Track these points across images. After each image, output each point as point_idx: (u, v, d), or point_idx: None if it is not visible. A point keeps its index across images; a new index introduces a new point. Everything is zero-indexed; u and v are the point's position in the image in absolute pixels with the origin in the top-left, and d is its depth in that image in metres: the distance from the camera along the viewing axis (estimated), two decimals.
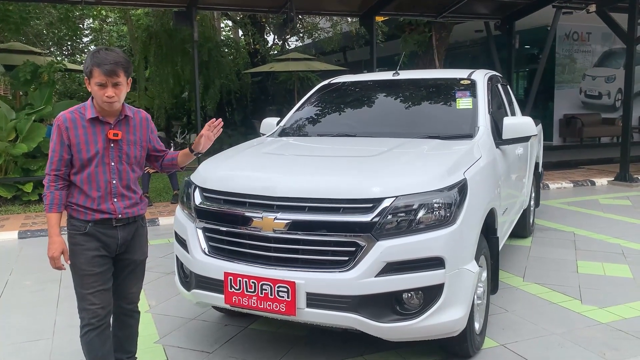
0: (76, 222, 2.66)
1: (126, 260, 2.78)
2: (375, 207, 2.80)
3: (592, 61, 15.41)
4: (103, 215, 2.64)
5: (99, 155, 2.60)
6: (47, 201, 2.63)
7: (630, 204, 8.13)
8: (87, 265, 2.63)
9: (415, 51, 11.02)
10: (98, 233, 2.65)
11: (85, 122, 2.60)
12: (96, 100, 2.59)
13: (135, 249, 2.80)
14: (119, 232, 2.69)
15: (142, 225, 2.84)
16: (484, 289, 3.49)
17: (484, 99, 4.14)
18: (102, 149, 2.61)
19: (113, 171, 2.64)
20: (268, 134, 4.54)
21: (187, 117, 16.73)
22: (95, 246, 2.64)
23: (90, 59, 2.55)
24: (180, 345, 3.60)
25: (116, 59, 2.53)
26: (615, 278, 4.80)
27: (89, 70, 2.54)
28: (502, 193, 3.91)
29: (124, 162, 2.67)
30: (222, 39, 18.19)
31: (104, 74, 2.50)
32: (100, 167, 2.61)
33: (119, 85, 2.56)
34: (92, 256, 2.63)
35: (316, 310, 2.81)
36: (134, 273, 2.85)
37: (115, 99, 2.56)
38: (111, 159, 2.64)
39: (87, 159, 2.59)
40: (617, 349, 3.46)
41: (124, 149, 2.67)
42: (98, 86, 2.53)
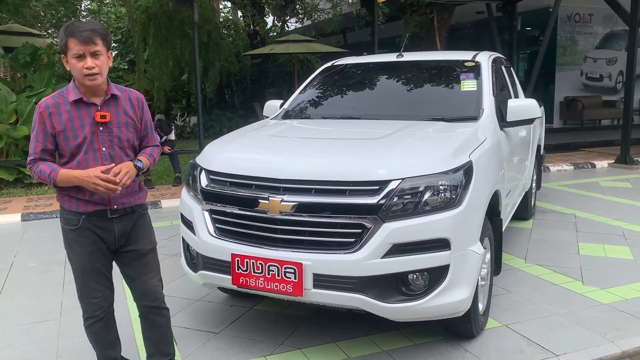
0: (68, 215, 2.48)
1: (132, 252, 2.61)
2: (382, 189, 2.81)
3: (593, 43, 15.32)
4: (97, 207, 2.45)
5: (87, 140, 2.39)
6: (44, 174, 2.37)
7: (630, 186, 8.16)
8: (86, 260, 2.49)
9: (417, 33, 10.94)
10: (92, 226, 2.47)
11: (69, 105, 2.38)
12: (76, 76, 2.37)
13: (139, 238, 2.61)
14: (115, 225, 2.51)
15: (142, 214, 2.65)
16: (488, 271, 3.53)
17: (488, 81, 4.13)
18: (89, 133, 2.39)
19: (105, 157, 2.43)
20: (271, 117, 4.53)
21: (186, 99, 16.68)
22: (91, 240, 2.48)
23: (63, 31, 2.35)
24: (187, 326, 3.64)
25: (92, 26, 2.34)
26: (616, 259, 4.84)
27: (63, 43, 2.33)
28: (505, 175, 3.92)
29: (115, 146, 2.45)
30: (222, 21, 18.04)
31: (81, 43, 2.29)
32: (90, 154, 2.40)
33: (98, 55, 2.34)
34: (89, 251, 2.48)
35: (323, 291, 2.84)
36: (146, 264, 2.64)
37: (96, 70, 2.33)
38: (102, 144, 2.42)
39: (76, 146, 2.38)
40: (618, 329, 3.51)
41: (114, 131, 2.44)
42: (76, 59, 2.31)
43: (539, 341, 3.35)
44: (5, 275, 4.69)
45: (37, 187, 8.23)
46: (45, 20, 15.75)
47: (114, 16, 22.18)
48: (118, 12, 21.73)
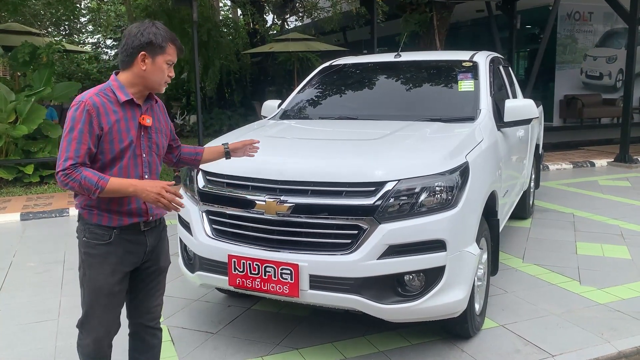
0: (97, 230, 2.22)
1: (152, 268, 2.42)
2: (378, 190, 2.82)
3: (593, 41, 15.28)
4: (132, 219, 2.25)
5: (132, 145, 2.23)
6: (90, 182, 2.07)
7: (629, 185, 8.17)
8: (105, 282, 2.24)
9: (416, 31, 10.93)
10: (124, 242, 2.25)
11: (116, 106, 2.20)
12: (155, 80, 2.23)
13: (161, 254, 2.45)
14: (147, 238, 2.33)
15: (165, 226, 2.51)
16: (485, 271, 3.54)
17: (485, 81, 4.13)
18: (135, 137, 2.24)
19: (145, 164, 2.29)
20: (269, 117, 4.54)
21: (186, 98, 16.68)
22: (118, 259, 2.25)
23: (163, 31, 2.21)
24: (185, 326, 3.65)
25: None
26: (613, 259, 4.85)
27: (164, 45, 2.20)
28: (503, 175, 3.93)
29: (153, 152, 2.33)
30: (221, 19, 18.03)
31: (178, 52, 2.26)
32: (132, 160, 2.23)
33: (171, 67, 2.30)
34: (113, 271, 2.24)
35: (319, 292, 2.86)
36: (160, 283, 2.50)
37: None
38: (142, 150, 2.28)
39: (120, 150, 2.19)
40: (615, 329, 3.52)
41: (153, 137, 2.32)
42: (168, 65, 2.24)
43: (535, 341, 3.36)
44: (5, 275, 4.71)
45: (37, 187, 8.24)
46: (45, 19, 15.74)
47: (113, 14, 22.17)
48: (118, 10, 21.72)
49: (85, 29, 23.56)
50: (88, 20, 21.40)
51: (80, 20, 19.29)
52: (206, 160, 2.70)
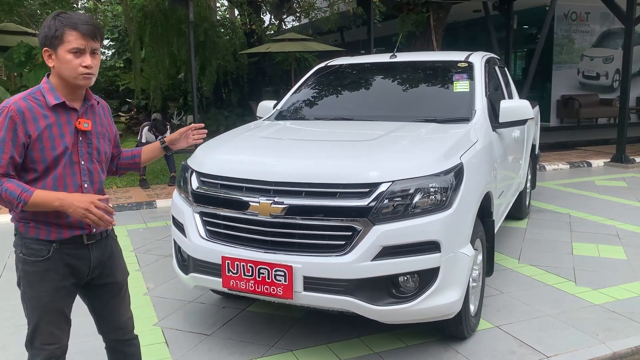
0: (34, 245, 2.05)
1: (110, 284, 2.26)
2: (372, 191, 2.81)
3: (590, 41, 15.31)
4: (74, 232, 2.07)
5: (67, 152, 2.04)
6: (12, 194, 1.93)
7: (625, 185, 8.17)
8: (49, 299, 2.07)
9: (413, 31, 10.93)
10: (65, 256, 2.08)
11: (47, 110, 2.02)
12: (68, 74, 2.01)
13: (117, 268, 2.29)
14: (92, 252, 2.14)
15: (113, 238, 2.32)
16: (480, 272, 3.53)
17: (481, 81, 4.13)
18: (70, 143, 2.05)
19: (84, 172, 2.10)
20: (265, 117, 4.53)
21: (183, 98, 16.66)
22: (60, 274, 2.08)
23: (57, 21, 1.99)
24: (179, 328, 3.64)
25: (93, 21, 2.04)
26: (609, 260, 4.85)
27: (59, 34, 1.97)
28: (498, 176, 3.93)
29: (94, 160, 2.14)
30: (218, 19, 18.01)
31: (84, 36, 1.98)
32: (69, 168, 2.05)
33: (96, 54, 2.04)
34: (56, 287, 2.07)
35: (313, 294, 2.85)
36: (122, 298, 2.34)
37: (94, 71, 2.05)
38: (80, 157, 2.09)
39: (54, 158, 2.01)
40: (609, 330, 3.51)
41: (93, 143, 2.13)
42: (73, 54, 1.98)
43: (530, 342, 3.36)
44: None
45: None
46: (41, 19, 15.70)
47: (110, 14, 22.13)
48: (115, 10, 21.68)
49: None
50: None
51: None
52: (146, 161, 2.51)
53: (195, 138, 2.53)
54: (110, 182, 8.45)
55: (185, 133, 2.50)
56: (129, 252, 5.27)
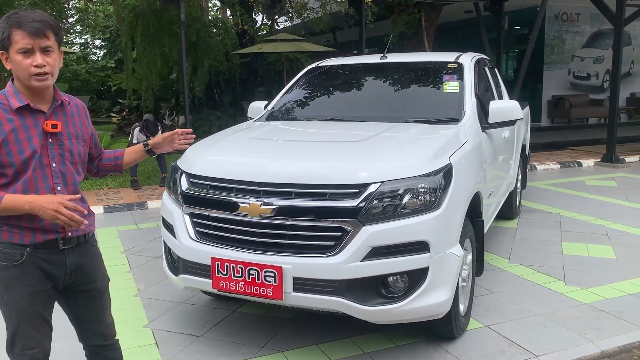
0: (8, 249, 2.01)
1: (88, 291, 2.21)
2: (361, 192, 2.82)
3: (581, 42, 15.41)
4: (47, 236, 2.03)
5: (36, 155, 1.99)
6: None
7: (615, 185, 8.23)
8: (27, 303, 2.04)
9: (405, 32, 10.95)
10: (40, 261, 2.04)
11: (11, 114, 1.97)
12: (21, 76, 1.97)
13: (96, 275, 2.24)
14: (67, 257, 2.09)
15: (93, 244, 2.25)
16: (469, 272, 3.55)
17: (470, 82, 4.15)
18: (39, 146, 2.00)
19: (56, 174, 2.04)
20: (256, 118, 4.53)
21: (175, 98, 16.61)
22: (36, 279, 2.04)
23: (5, 22, 1.94)
24: (169, 329, 3.63)
25: (42, 17, 1.97)
26: (598, 259, 4.88)
27: (6, 35, 1.92)
28: (487, 176, 3.95)
29: (67, 161, 2.08)
30: (210, 19, 17.98)
31: (30, 35, 1.92)
32: (39, 171, 2.00)
33: (49, 52, 1.97)
34: (32, 292, 2.03)
35: (303, 295, 2.85)
36: (103, 303, 2.29)
37: (47, 69, 1.97)
38: (51, 159, 2.04)
39: (22, 162, 1.97)
40: (598, 329, 3.54)
41: (65, 144, 2.08)
42: (22, 54, 1.93)
43: (519, 342, 3.38)
44: None
45: None
46: None
47: (102, 15, 22.05)
48: (106, 10, 21.61)
49: (73, 29, 23.38)
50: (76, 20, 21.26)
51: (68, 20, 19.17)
52: (128, 163, 2.45)
53: (181, 143, 2.47)
54: (101, 183, 8.42)
55: (170, 138, 2.44)
56: (119, 253, 5.25)
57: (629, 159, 10.15)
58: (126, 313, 3.88)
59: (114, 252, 5.28)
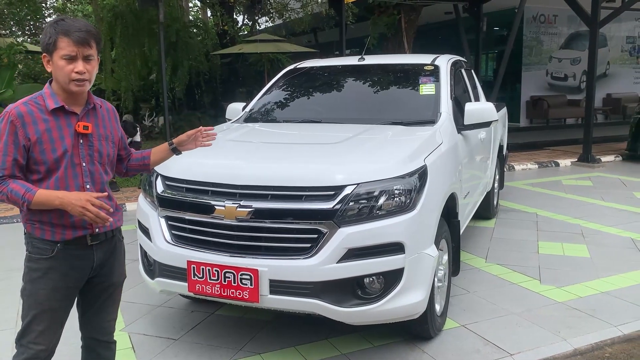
0: (40, 244, 2.13)
1: (103, 284, 2.32)
2: (337, 194, 2.84)
3: (558, 43, 15.65)
4: (77, 233, 2.15)
5: (67, 154, 2.11)
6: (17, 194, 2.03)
7: (591, 184, 8.37)
8: (46, 298, 2.14)
9: (385, 33, 11.02)
10: (69, 256, 2.16)
11: (47, 114, 2.11)
12: (61, 80, 2.10)
13: (114, 269, 2.34)
14: (95, 253, 2.22)
15: (119, 239, 2.37)
16: (445, 272, 3.58)
17: (446, 84, 4.19)
18: (70, 146, 2.12)
19: (85, 173, 2.16)
20: (233, 120, 4.52)
21: (155, 99, 16.47)
22: (62, 274, 2.15)
23: (52, 28, 2.07)
24: (146, 333, 3.61)
25: (87, 27, 2.10)
26: (573, 258, 4.96)
27: (52, 41, 2.06)
28: (463, 177, 3.99)
29: (95, 161, 2.20)
30: (191, 20, 17.88)
31: (75, 43, 2.05)
32: (70, 170, 2.12)
33: (90, 60, 2.11)
34: (54, 287, 2.14)
35: (279, 297, 2.85)
36: (112, 299, 2.39)
37: (87, 77, 2.11)
38: (82, 159, 2.16)
39: (54, 160, 2.09)
40: (571, 327, 3.60)
41: (95, 145, 2.20)
42: (66, 60, 2.06)
43: (494, 341, 3.42)
44: None
45: None
46: (7, 19, 15.38)
47: (80, 14, 21.78)
48: (85, 10, 21.34)
49: None
50: None
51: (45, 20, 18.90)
52: (156, 162, 2.53)
53: (204, 141, 2.55)
54: None
55: (194, 135, 2.50)
56: None
57: (605, 159, 10.34)
58: None
59: None
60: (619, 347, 3.42)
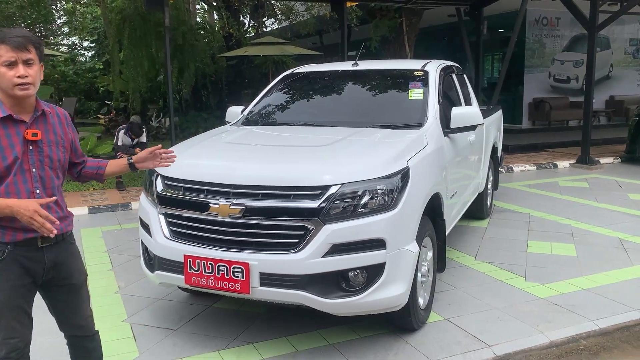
0: None
1: (67, 285, 2.40)
2: (323, 193, 3.04)
3: (561, 46, 15.75)
4: (27, 235, 2.20)
5: (18, 160, 2.18)
6: None
7: (587, 186, 8.51)
8: (6, 297, 2.21)
9: (387, 36, 11.20)
10: (20, 257, 2.22)
11: None
12: (5, 87, 2.15)
13: (73, 270, 2.41)
14: (45, 255, 2.27)
15: (70, 242, 2.43)
16: (429, 268, 3.77)
17: (434, 89, 4.38)
18: (20, 153, 2.18)
19: (35, 179, 2.23)
20: (232, 123, 4.74)
21: (162, 100, 16.74)
22: (16, 274, 2.21)
23: None
24: (147, 323, 3.83)
25: (24, 33, 2.18)
26: (560, 256, 5.13)
27: None
28: (449, 178, 4.18)
29: (46, 166, 2.26)
30: (198, 22, 18.15)
31: (13, 49, 2.11)
32: (19, 176, 2.18)
33: (31, 65, 2.16)
34: (12, 286, 2.21)
35: (268, 289, 3.07)
36: (81, 297, 2.47)
37: (29, 80, 2.16)
38: (31, 165, 2.22)
39: (5, 168, 2.16)
40: (550, 321, 3.78)
41: (45, 151, 2.26)
42: (6, 67, 2.12)
43: (475, 333, 3.61)
44: None
45: None
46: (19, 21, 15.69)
47: (90, 16, 22.12)
48: (94, 12, 21.69)
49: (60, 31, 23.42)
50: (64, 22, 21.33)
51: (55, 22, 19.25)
52: (110, 174, 2.63)
53: (162, 162, 2.64)
54: (87, 185, 8.57)
55: (153, 153, 2.61)
56: (102, 252, 5.43)
57: (603, 161, 10.47)
58: (106, 309, 4.08)
59: (97, 252, 5.46)
60: (593, 340, 3.60)
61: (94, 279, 4.68)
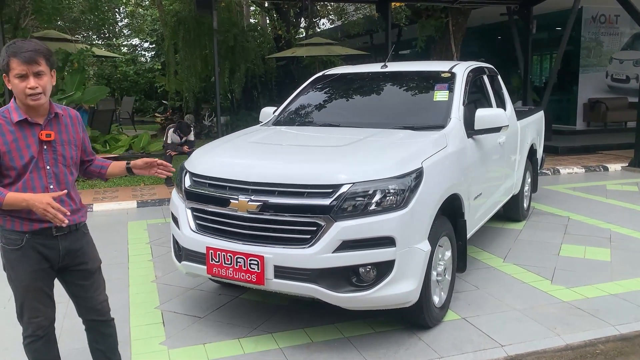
0: (11, 235, 2.45)
1: (82, 271, 2.64)
2: (334, 192, 3.18)
3: (620, 44, 15.14)
4: (42, 225, 2.44)
5: (34, 159, 2.41)
6: None
7: (637, 190, 8.22)
8: (29, 281, 2.48)
9: (432, 36, 11.16)
10: (37, 245, 2.47)
11: (12, 126, 2.39)
12: (19, 96, 2.38)
13: (88, 258, 2.65)
14: (60, 243, 2.51)
15: (84, 232, 2.66)
16: (446, 267, 3.83)
17: (460, 91, 4.41)
18: (36, 152, 2.42)
19: (49, 175, 2.46)
20: (263, 123, 4.94)
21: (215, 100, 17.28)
22: (35, 260, 2.47)
23: (5, 51, 2.36)
24: (177, 311, 4.08)
25: (35, 46, 2.36)
26: (593, 261, 5.03)
27: (5, 63, 2.34)
28: (472, 179, 4.21)
29: (60, 164, 2.50)
30: (250, 24, 18.60)
31: (23, 63, 2.32)
32: (35, 173, 2.42)
33: (41, 76, 2.37)
34: (32, 270, 2.48)
35: (282, 281, 3.23)
36: (95, 283, 2.70)
37: (39, 90, 2.36)
38: (46, 162, 2.46)
39: (22, 166, 2.39)
40: (568, 324, 3.76)
41: (58, 150, 2.49)
42: (18, 78, 2.34)
43: (489, 333, 3.65)
44: None
45: None
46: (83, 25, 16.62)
47: (150, 18, 23.08)
48: (154, 14, 22.60)
49: (122, 33, 24.52)
50: (125, 24, 22.35)
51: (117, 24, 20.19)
52: (111, 174, 2.85)
53: (159, 172, 2.82)
54: (138, 180, 9.05)
55: (149, 164, 2.81)
56: (145, 244, 5.77)
57: None
58: (142, 296, 4.37)
59: (141, 243, 5.80)
60: (612, 345, 3.56)
61: (135, 268, 5.01)
